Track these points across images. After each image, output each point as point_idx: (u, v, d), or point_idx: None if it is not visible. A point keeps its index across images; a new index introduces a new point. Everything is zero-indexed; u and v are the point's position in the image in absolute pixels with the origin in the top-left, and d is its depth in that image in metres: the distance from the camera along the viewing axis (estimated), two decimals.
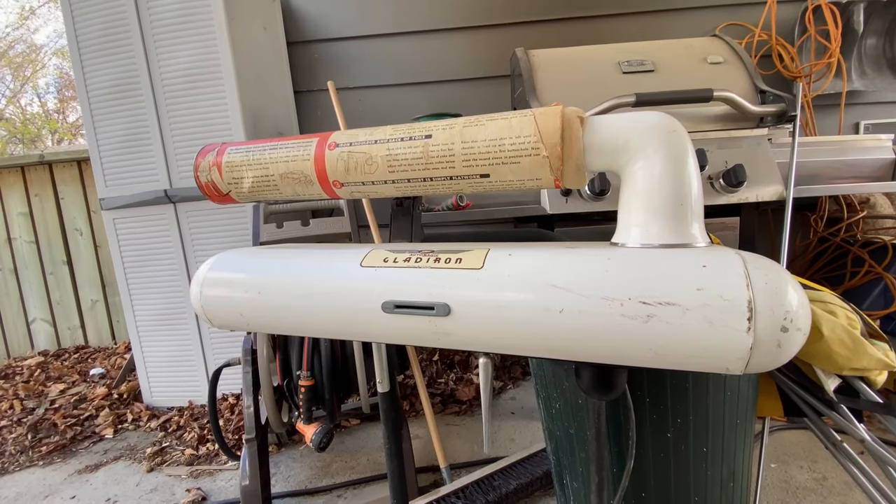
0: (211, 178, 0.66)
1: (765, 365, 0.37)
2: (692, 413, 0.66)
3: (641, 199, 0.46)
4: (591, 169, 0.49)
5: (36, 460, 1.59)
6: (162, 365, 1.83)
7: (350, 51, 2.07)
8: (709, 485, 0.70)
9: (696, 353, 0.38)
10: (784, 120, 1.27)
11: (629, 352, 0.41)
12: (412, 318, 0.49)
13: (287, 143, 0.61)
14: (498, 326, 0.46)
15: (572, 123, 0.46)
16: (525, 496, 1.16)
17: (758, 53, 1.93)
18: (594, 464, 0.58)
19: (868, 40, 1.93)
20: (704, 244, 0.45)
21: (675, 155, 0.45)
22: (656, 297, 0.39)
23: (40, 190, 2.57)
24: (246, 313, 0.60)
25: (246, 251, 0.66)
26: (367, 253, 0.55)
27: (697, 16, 1.97)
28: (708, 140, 1.28)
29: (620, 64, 1.38)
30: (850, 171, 1.37)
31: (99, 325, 2.67)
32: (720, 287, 0.37)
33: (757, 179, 1.23)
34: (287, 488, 1.30)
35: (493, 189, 0.53)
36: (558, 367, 0.74)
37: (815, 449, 1.26)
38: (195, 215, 1.70)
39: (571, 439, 0.75)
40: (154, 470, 1.46)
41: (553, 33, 2.01)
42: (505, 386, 1.83)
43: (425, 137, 0.53)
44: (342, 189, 0.60)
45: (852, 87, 1.90)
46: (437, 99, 2.08)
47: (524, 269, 0.45)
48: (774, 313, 0.36)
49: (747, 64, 1.36)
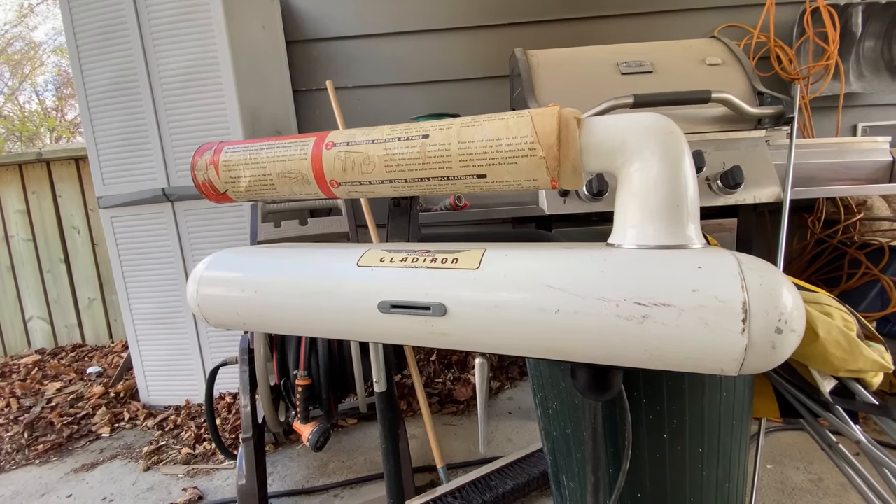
0: (208, 176, 0.66)
1: (759, 366, 0.37)
2: (688, 414, 0.66)
3: (637, 201, 0.46)
4: (588, 170, 0.49)
5: (32, 459, 1.58)
6: (159, 364, 1.83)
7: (349, 50, 2.07)
8: (705, 485, 0.70)
9: (691, 354, 0.38)
10: (782, 122, 1.27)
11: (624, 352, 0.41)
12: (408, 319, 0.49)
13: (284, 142, 0.61)
14: (494, 327, 0.46)
15: (569, 124, 0.47)
16: (522, 496, 1.17)
17: (756, 55, 1.93)
18: (590, 464, 0.58)
19: (866, 42, 1.93)
20: (700, 245, 0.45)
21: (672, 156, 0.45)
22: (652, 298, 0.39)
23: (38, 188, 2.57)
24: (242, 312, 0.60)
25: (243, 250, 0.65)
26: (364, 253, 0.55)
27: (696, 17, 1.97)
28: (706, 141, 1.28)
29: (619, 65, 1.38)
30: (847, 173, 1.37)
31: (96, 324, 2.67)
32: (715, 288, 0.37)
33: (754, 181, 1.23)
34: (284, 488, 1.30)
35: (490, 189, 0.53)
36: (555, 368, 0.74)
37: (810, 450, 1.26)
38: (193, 214, 1.70)
39: (568, 439, 0.75)
40: (150, 469, 1.46)
41: (552, 34, 2.01)
42: (502, 386, 1.83)
43: (422, 137, 0.53)
44: (339, 188, 0.60)
45: (850, 90, 1.90)
46: (436, 99, 2.08)
47: (520, 270, 0.45)
48: (769, 315, 0.36)
49: (745, 66, 1.36)
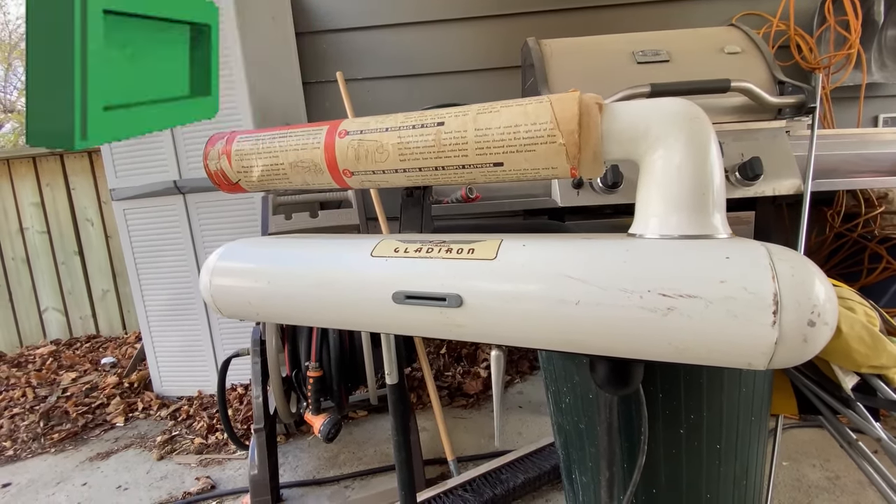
0: (220, 166, 0.66)
1: (789, 360, 0.36)
2: (706, 409, 0.65)
3: (661, 189, 0.45)
4: (609, 158, 0.48)
5: (48, 447, 1.61)
6: (172, 354, 1.84)
7: (359, 41, 2.05)
8: (721, 481, 0.69)
9: (718, 347, 0.37)
10: (803, 112, 1.24)
11: (647, 346, 0.40)
12: (423, 310, 0.48)
13: (297, 130, 0.61)
14: (511, 318, 0.44)
15: (591, 110, 0.45)
16: (533, 490, 1.16)
17: (775, 44, 1.88)
18: (605, 459, 0.57)
19: (889, 32, 1.88)
20: (727, 235, 0.44)
21: (697, 143, 0.44)
22: (677, 290, 0.37)
23: (52, 180, 2.59)
24: (255, 303, 0.60)
25: (256, 240, 0.65)
26: (378, 243, 0.54)
27: (713, 5, 1.93)
28: (724, 132, 1.25)
29: (635, 54, 1.35)
30: (868, 165, 1.33)
31: (110, 315, 2.70)
32: (744, 279, 0.36)
33: (774, 173, 1.20)
34: (295, 478, 1.31)
35: (507, 178, 0.52)
36: (568, 362, 0.73)
37: (827, 447, 1.24)
38: (204, 206, 1.70)
39: (581, 434, 0.74)
40: (164, 458, 1.48)
41: (565, 23, 1.97)
42: (513, 380, 1.83)
43: (437, 125, 0.52)
44: (352, 178, 0.59)
45: (872, 80, 1.85)
46: (447, 90, 2.06)
47: (538, 260, 0.44)
48: (801, 307, 0.34)
49: (765, 54, 1.32)
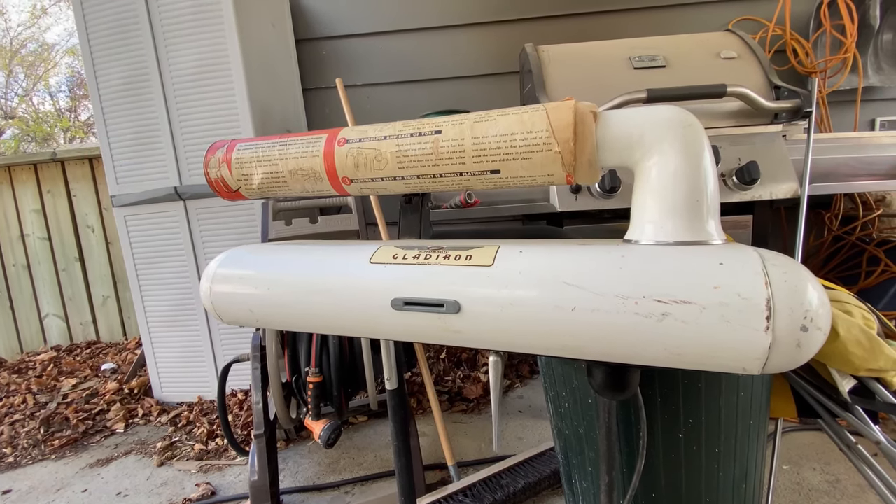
0: (221, 174, 0.66)
1: (783, 365, 0.36)
2: (704, 413, 0.65)
3: (656, 196, 0.45)
4: (605, 165, 0.48)
5: (48, 454, 1.61)
6: (172, 360, 1.84)
7: (358, 48, 2.07)
8: (721, 486, 0.69)
9: (713, 352, 0.37)
10: (799, 116, 1.24)
11: (643, 351, 0.40)
12: (421, 316, 0.49)
13: (296, 139, 0.61)
14: (508, 324, 0.45)
15: (585, 118, 0.46)
16: (533, 495, 1.16)
17: (772, 49, 1.90)
18: (604, 463, 0.57)
19: (884, 35, 1.89)
20: (721, 241, 0.44)
21: (691, 150, 0.44)
22: (671, 296, 0.38)
23: (53, 187, 2.60)
24: (255, 309, 0.60)
25: (256, 247, 0.65)
26: (377, 249, 0.55)
27: (710, 10, 1.94)
28: (721, 137, 1.26)
29: (632, 59, 1.36)
30: (865, 169, 1.34)
31: (110, 321, 2.70)
32: (738, 285, 0.36)
33: (771, 177, 1.21)
34: (295, 484, 1.31)
35: (504, 185, 0.53)
36: (568, 366, 0.73)
37: (827, 451, 1.24)
38: (205, 212, 1.71)
39: (581, 438, 0.74)
40: (164, 464, 1.48)
41: (563, 29, 1.99)
42: (513, 384, 1.83)
43: (435, 133, 0.52)
44: (351, 185, 0.60)
45: (868, 83, 1.86)
46: (446, 96, 2.08)
47: (535, 267, 0.45)
48: (794, 312, 0.35)
49: (761, 59, 1.33)
